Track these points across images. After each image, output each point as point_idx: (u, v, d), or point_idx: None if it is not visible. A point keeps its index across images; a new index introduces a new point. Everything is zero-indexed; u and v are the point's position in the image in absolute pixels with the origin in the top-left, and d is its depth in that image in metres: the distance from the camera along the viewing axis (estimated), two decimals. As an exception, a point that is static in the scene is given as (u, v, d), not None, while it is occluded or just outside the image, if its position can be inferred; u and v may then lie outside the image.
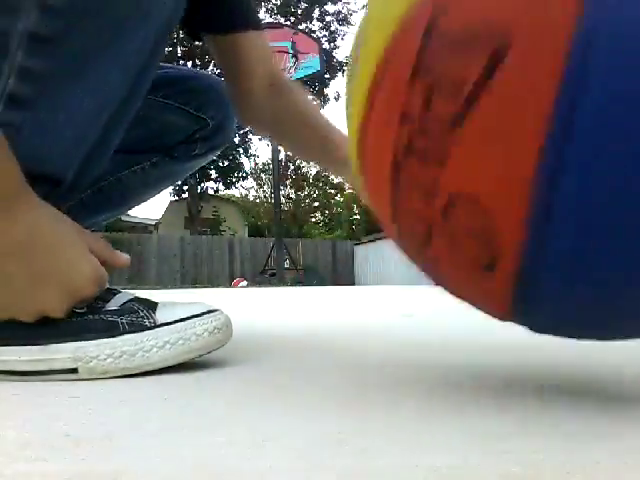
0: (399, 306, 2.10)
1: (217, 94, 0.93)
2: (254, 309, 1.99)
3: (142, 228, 16.48)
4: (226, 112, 0.94)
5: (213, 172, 15.84)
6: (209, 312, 0.57)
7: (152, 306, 0.57)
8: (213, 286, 8.80)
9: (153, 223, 18.36)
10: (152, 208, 14.95)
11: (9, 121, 0.52)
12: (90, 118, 0.57)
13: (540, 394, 0.47)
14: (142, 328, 0.54)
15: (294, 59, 8.16)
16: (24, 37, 0.51)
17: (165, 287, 8.17)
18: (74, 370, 0.52)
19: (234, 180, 16.07)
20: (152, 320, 0.55)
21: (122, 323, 0.54)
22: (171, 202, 17.51)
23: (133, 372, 0.53)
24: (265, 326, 1.10)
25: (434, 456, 0.31)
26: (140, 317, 0.55)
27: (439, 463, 0.30)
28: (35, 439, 0.34)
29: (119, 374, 0.53)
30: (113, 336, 0.53)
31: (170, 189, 15.76)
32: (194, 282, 10.17)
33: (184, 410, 0.42)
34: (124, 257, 0.60)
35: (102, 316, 0.54)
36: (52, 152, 0.55)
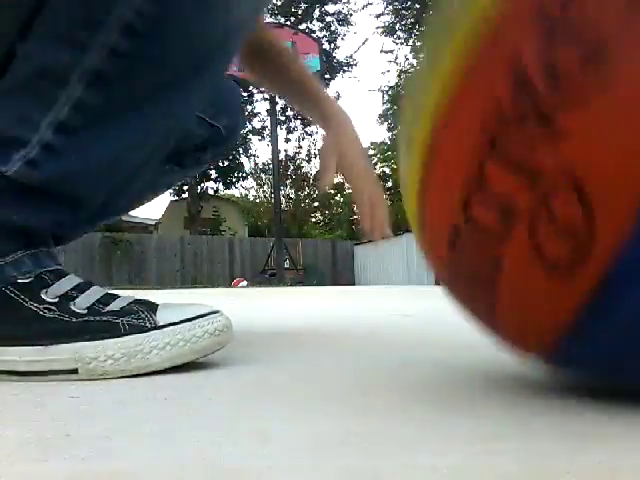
0: (399, 306, 2.10)
1: (233, 100, 0.91)
2: (254, 309, 1.99)
3: (142, 228, 16.47)
4: (238, 119, 0.91)
5: (213, 172, 15.83)
6: (210, 314, 0.57)
7: (153, 307, 0.57)
8: (213, 286, 8.80)
9: (153, 223, 18.35)
10: (152, 208, 14.96)
11: (52, 144, 0.55)
12: (126, 153, 0.59)
13: (540, 394, 0.47)
14: (142, 329, 0.54)
15: (294, 59, 8.16)
16: (88, 72, 0.54)
17: (165, 287, 8.17)
18: (74, 371, 0.52)
19: (234, 180, 16.06)
20: (152, 321, 0.55)
21: (123, 324, 0.54)
22: (171, 202, 17.50)
23: (133, 373, 0.53)
24: (265, 326, 1.10)
25: (434, 456, 0.31)
26: (140, 318, 0.55)
27: (439, 463, 0.30)
28: (35, 439, 0.34)
29: (119, 375, 0.53)
30: (113, 337, 0.53)
31: (170, 189, 15.73)
32: (194, 282, 10.17)
33: (184, 410, 0.42)
34: None
35: (103, 317, 0.54)
36: (86, 177, 0.58)
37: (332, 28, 15.93)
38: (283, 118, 15.14)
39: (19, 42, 0.55)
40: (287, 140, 16.46)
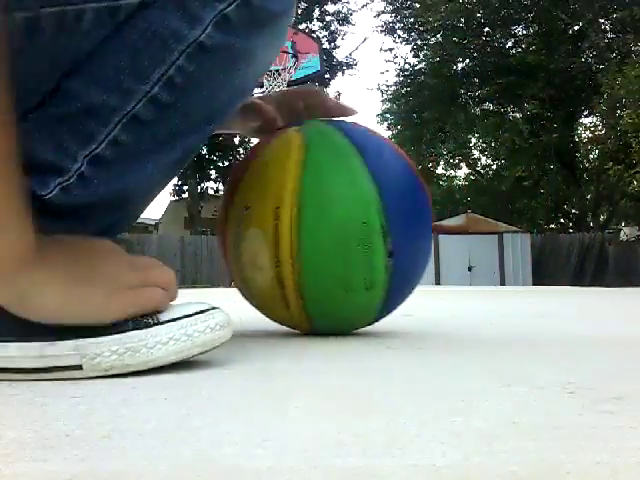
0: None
1: None
2: (254, 309, 1.99)
3: (142, 228, 16.46)
4: None
5: (213, 172, 15.84)
6: (210, 309, 0.58)
7: None
8: (213, 286, 8.79)
9: (153, 223, 18.35)
10: (152, 208, 14.96)
11: (87, 174, 0.60)
12: (143, 185, 0.67)
13: (540, 394, 0.47)
14: (146, 325, 0.54)
15: (294, 59, 8.16)
16: (128, 116, 0.60)
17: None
18: (79, 367, 0.52)
19: (234, 180, 16.05)
20: (155, 317, 0.55)
21: (126, 320, 0.54)
22: (171, 202, 17.50)
23: (138, 368, 0.53)
24: (265, 326, 1.10)
25: (434, 456, 0.31)
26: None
27: (439, 463, 0.30)
28: (35, 439, 0.34)
29: (124, 371, 0.53)
30: (117, 332, 0.53)
31: (170, 189, 15.74)
32: (194, 282, 10.16)
33: (184, 410, 0.42)
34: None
35: None
36: (107, 203, 0.64)
37: (332, 28, 15.92)
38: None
39: (64, 79, 0.60)
40: (287, 140, 16.42)
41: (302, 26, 14.14)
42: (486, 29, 15.44)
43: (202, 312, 0.57)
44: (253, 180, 0.85)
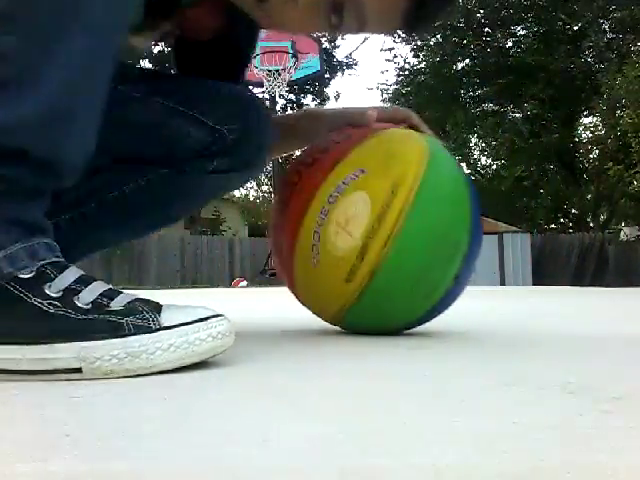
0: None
1: (241, 106, 0.84)
2: (254, 309, 1.99)
3: (142, 228, 16.43)
4: (250, 126, 0.84)
5: (213, 172, 15.82)
6: (213, 317, 0.57)
7: (157, 308, 0.57)
8: (213, 286, 8.79)
9: (153, 223, 18.31)
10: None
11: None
12: (65, 89, 0.57)
13: (540, 394, 0.47)
14: (147, 330, 0.54)
15: (294, 59, 8.15)
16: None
17: (165, 287, 8.16)
18: (78, 370, 0.52)
19: (234, 180, 16.06)
20: (157, 322, 0.55)
21: (127, 324, 0.54)
22: (171, 202, 17.48)
23: (137, 373, 0.53)
24: (265, 326, 1.10)
25: (434, 456, 0.31)
26: (145, 319, 0.54)
27: (439, 463, 0.30)
28: (35, 439, 0.34)
29: (123, 375, 0.53)
30: (118, 337, 0.53)
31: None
32: (194, 282, 10.17)
33: (184, 410, 0.42)
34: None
35: (107, 316, 0.54)
36: (30, 125, 0.56)
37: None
38: (283, 118, 15.11)
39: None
40: (287, 140, 16.42)
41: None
42: (486, 29, 15.43)
43: (205, 319, 0.56)
44: (375, 149, 0.84)
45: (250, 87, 0.94)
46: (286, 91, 9.57)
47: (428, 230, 0.81)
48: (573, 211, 16.12)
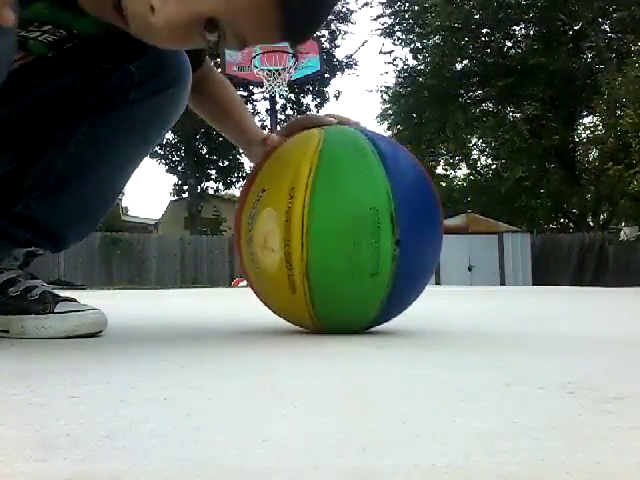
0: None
1: (144, 46, 0.91)
2: (254, 309, 1.99)
3: (142, 228, 16.46)
4: (158, 59, 0.93)
5: (213, 172, 15.84)
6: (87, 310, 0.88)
7: (56, 300, 0.88)
8: (213, 286, 8.79)
9: (153, 223, 18.34)
10: (152, 208, 14.97)
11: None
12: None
13: (540, 394, 0.47)
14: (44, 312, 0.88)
15: (294, 59, 8.16)
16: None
17: (165, 287, 8.16)
18: (6, 331, 0.88)
19: (234, 180, 16.05)
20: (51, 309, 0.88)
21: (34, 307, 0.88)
22: (171, 202, 17.50)
23: (33, 336, 0.86)
24: (265, 326, 1.10)
25: (434, 456, 0.31)
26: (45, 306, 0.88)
27: (439, 463, 0.30)
28: (35, 439, 0.34)
29: (33, 335, 0.86)
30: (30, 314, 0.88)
31: (170, 189, 15.74)
32: (194, 282, 10.17)
33: (184, 410, 0.42)
34: None
35: (24, 302, 0.89)
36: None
37: (332, 27, 15.91)
38: (283, 117, 15.13)
39: None
40: (287, 140, 16.40)
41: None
42: (485, 30, 15.43)
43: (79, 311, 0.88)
44: (272, 165, 0.90)
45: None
46: (286, 91, 9.56)
47: (334, 214, 0.83)
48: (573, 211, 16.12)
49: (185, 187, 15.53)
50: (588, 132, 15.88)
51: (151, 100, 0.95)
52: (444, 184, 19.48)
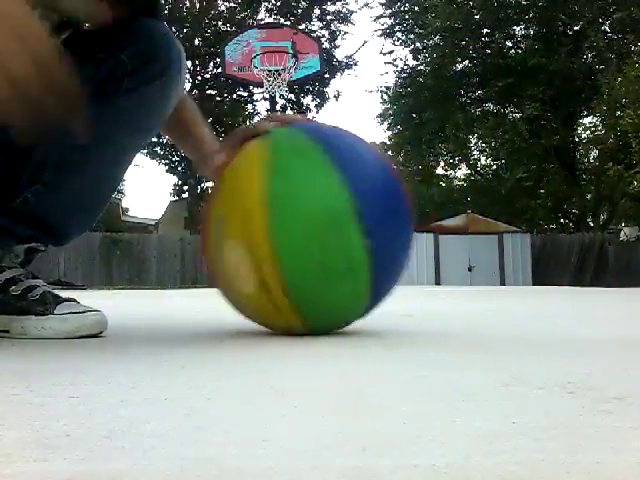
0: (399, 306, 2.10)
1: (137, 36, 0.95)
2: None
3: (142, 228, 16.46)
4: (150, 45, 0.96)
5: (213, 172, 15.80)
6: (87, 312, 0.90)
7: (57, 301, 0.90)
8: (213, 286, 8.78)
9: (153, 223, 18.35)
10: (152, 208, 14.97)
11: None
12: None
13: (540, 394, 0.47)
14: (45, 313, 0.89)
15: (294, 59, 8.15)
16: None
17: (165, 287, 8.16)
18: (7, 331, 0.90)
19: (234, 180, 16.03)
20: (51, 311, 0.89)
21: (34, 309, 0.89)
22: (171, 202, 17.50)
23: (33, 337, 0.88)
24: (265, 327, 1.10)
25: (434, 456, 0.31)
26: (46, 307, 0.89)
27: (439, 463, 0.30)
28: (35, 439, 0.34)
29: (33, 335, 0.88)
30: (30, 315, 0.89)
31: (170, 189, 15.73)
32: (194, 282, 10.17)
33: (184, 410, 0.42)
34: None
35: (25, 302, 0.90)
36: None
37: (332, 28, 15.90)
38: (283, 118, 15.07)
39: None
40: (287, 140, 16.40)
41: (302, 26, 14.14)
42: (485, 30, 15.43)
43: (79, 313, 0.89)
44: (225, 192, 0.90)
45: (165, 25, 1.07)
46: (286, 91, 9.56)
47: (296, 224, 0.83)
48: (573, 211, 16.12)
49: (185, 187, 15.52)
50: (588, 132, 15.88)
51: (144, 88, 0.96)
52: (444, 184, 19.48)
